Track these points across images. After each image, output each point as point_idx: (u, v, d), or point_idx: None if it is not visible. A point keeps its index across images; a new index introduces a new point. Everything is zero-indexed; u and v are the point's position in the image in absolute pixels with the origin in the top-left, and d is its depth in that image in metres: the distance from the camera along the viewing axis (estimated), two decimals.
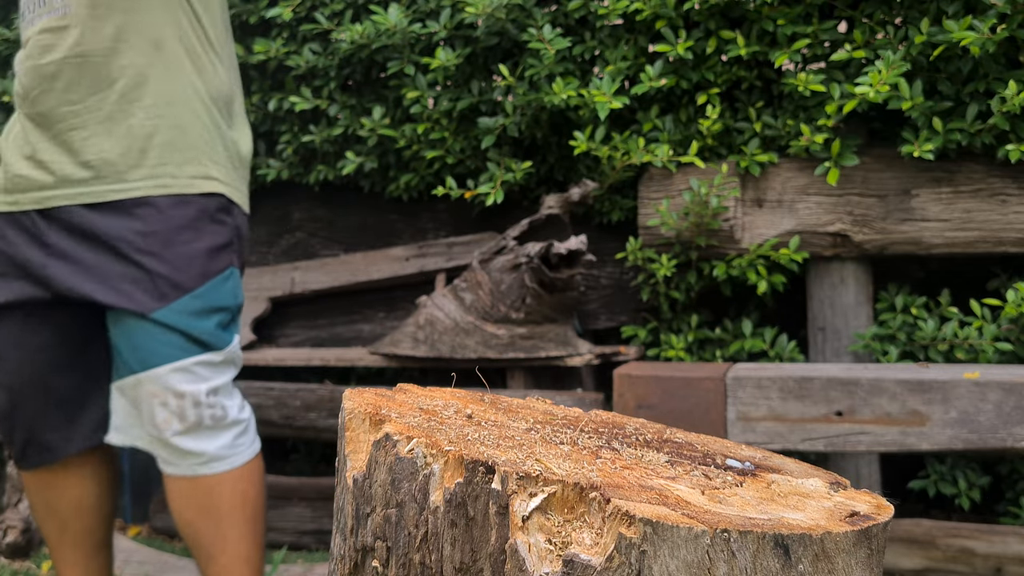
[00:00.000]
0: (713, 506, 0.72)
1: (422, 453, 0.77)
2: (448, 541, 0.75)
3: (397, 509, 0.79)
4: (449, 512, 0.75)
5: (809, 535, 0.68)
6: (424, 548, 0.76)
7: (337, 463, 0.87)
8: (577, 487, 0.70)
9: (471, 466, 0.73)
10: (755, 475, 0.82)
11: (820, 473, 0.84)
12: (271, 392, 2.71)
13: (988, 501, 2.41)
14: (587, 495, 0.70)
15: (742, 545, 0.67)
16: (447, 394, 0.97)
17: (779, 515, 0.71)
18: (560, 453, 0.79)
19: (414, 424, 0.82)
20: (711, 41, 2.25)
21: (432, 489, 0.76)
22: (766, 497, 0.76)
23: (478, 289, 2.47)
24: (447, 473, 0.75)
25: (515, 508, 0.71)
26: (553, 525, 0.70)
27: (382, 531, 0.80)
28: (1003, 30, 1.96)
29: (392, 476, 0.79)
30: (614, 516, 0.68)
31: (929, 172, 2.18)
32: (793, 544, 0.68)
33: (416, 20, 2.56)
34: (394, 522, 0.79)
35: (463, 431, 0.82)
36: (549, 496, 0.71)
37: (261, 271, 2.96)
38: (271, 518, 2.79)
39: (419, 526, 0.77)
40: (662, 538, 0.66)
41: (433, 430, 0.81)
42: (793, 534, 0.68)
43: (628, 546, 0.66)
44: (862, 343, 2.23)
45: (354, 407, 0.86)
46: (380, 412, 0.84)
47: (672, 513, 0.68)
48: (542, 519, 0.71)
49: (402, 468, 0.78)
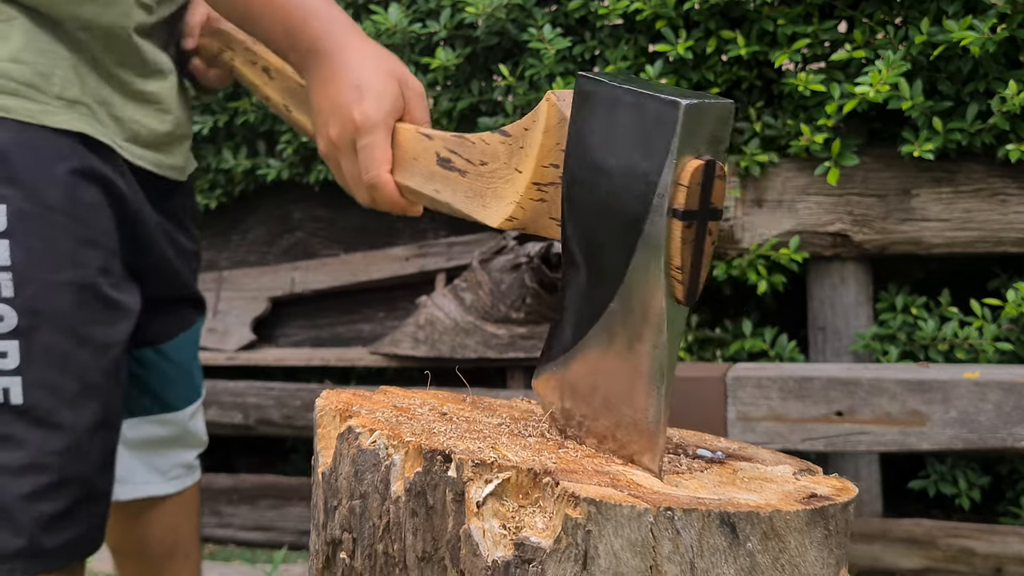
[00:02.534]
0: (664, 488, 0.72)
1: (383, 444, 0.77)
2: (410, 530, 0.75)
3: (361, 500, 0.79)
4: (410, 501, 0.75)
5: (756, 513, 0.68)
6: (387, 538, 0.77)
7: (312, 460, 0.88)
8: (531, 472, 0.71)
9: (429, 455, 0.74)
10: (723, 463, 0.82)
11: (792, 461, 0.83)
12: (271, 392, 2.71)
13: (988, 501, 2.41)
14: (540, 480, 0.70)
15: (687, 523, 0.66)
16: (427, 394, 0.97)
17: (730, 496, 0.71)
18: (523, 444, 0.79)
19: (381, 419, 0.82)
20: (711, 41, 2.25)
21: (393, 479, 0.76)
22: (726, 481, 0.76)
23: (478, 289, 2.47)
24: (407, 463, 0.76)
25: (471, 495, 0.71)
26: (508, 511, 0.71)
27: (348, 523, 0.81)
28: (1003, 30, 1.96)
29: (355, 468, 0.80)
30: (561, 498, 0.68)
31: (929, 172, 2.18)
32: (740, 522, 0.67)
33: (416, 20, 2.56)
34: (358, 513, 0.79)
35: (431, 425, 0.82)
36: (503, 482, 0.71)
37: (261, 271, 2.96)
38: (271, 518, 2.79)
39: (382, 516, 0.77)
40: (606, 517, 0.66)
41: (399, 424, 0.81)
42: (740, 512, 0.67)
43: (574, 527, 0.67)
44: (862, 343, 2.23)
45: (325, 404, 0.86)
46: (350, 409, 0.85)
47: (616, 493, 0.68)
48: (497, 505, 0.71)
49: (364, 460, 0.79)
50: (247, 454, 3.09)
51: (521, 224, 0.88)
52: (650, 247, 0.73)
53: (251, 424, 2.73)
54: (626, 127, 0.75)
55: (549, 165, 0.84)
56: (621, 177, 0.75)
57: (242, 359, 2.81)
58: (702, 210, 0.73)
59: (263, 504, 2.82)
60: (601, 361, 0.79)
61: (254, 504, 2.82)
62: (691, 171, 0.71)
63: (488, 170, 0.90)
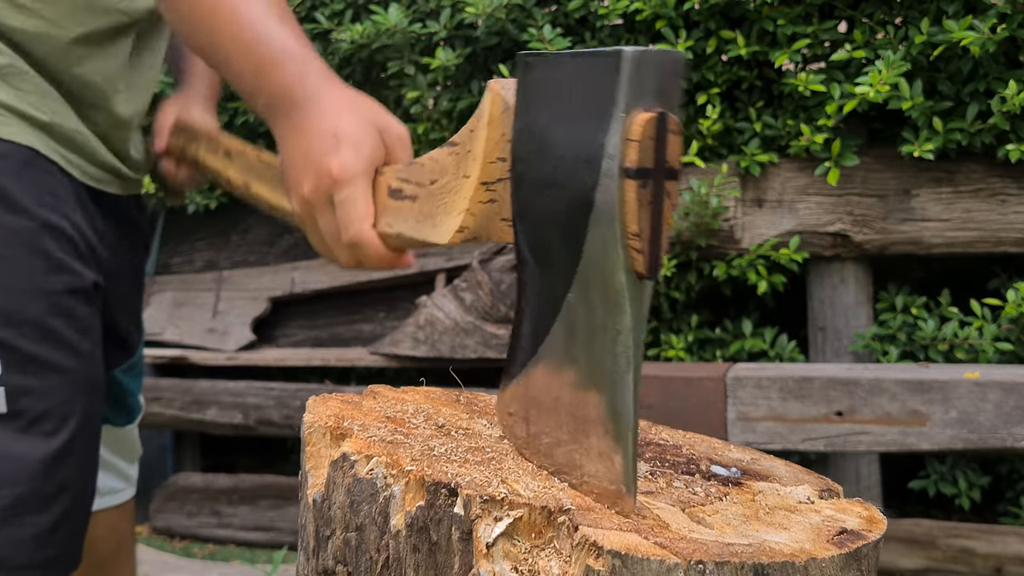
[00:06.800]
0: (690, 530, 0.68)
1: (382, 473, 0.72)
2: (411, 567, 0.70)
3: (357, 533, 0.74)
4: (411, 537, 0.70)
5: (791, 563, 0.64)
6: (386, 574, 0.72)
7: (300, 477, 0.82)
8: (545, 511, 0.66)
9: (432, 488, 0.69)
10: (741, 484, 0.78)
11: (811, 478, 0.80)
12: (271, 392, 2.71)
13: (988, 501, 2.41)
14: (556, 519, 0.65)
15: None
16: (420, 396, 0.92)
17: (760, 538, 0.67)
18: (530, 469, 0.74)
19: (376, 439, 0.77)
20: (711, 41, 2.25)
21: (393, 512, 0.71)
22: (749, 514, 0.72)
23: (478, 289, 2.47)
24: (408, 495, 0.70)
25: (479, 534, 0.66)
26: (519, 551, 0.66)
27: (343, 555, 0.75)
28: (1003, 30, 1.96)
29: (351, 498, 0.74)
30: (582, 546, 0.63)
31: (929, 172, 2.18)
32: (774, 573, 0.63)
33: (416, 20, 2.56)
34: (354, 546, 0.74)
35: (429, 444, 0.77)
36: (515, 520, 0.66)
37: (261, 271, 2.96)
38: (271, 518, 2.79)
39: (380, 551, 0.72)
40: (632, 571, 0.61)
41: (396, 445, 0.76)
42: (774, 563, 0.63)
43: None
44: (862, 343, 2.23)
45: (314, 419, 0.80)
46: (342, 425, 0.79)
47: (643, 543, 0.63)
48: (508, 545, 0.66)
49: (361, 490, 0.73)
50: (247, 454, 3.09)
51: (473, 233, 0.80)
52: (604, 220, 0.66)
53: (251, 424, 2.73)
54: (569, 94, 0.68)
55: (496, 160, 0.78)
56: (568, 147, 0.68)
57: (242, 359, 2.81)
58: (657, 168, 0.66)
59: (263, 504, 2.82)
60: (563, 365, 0.72)
61: (254, 504, 2.82)
62: (642, 124, 0.65)
63: (438, 187, 0.83)
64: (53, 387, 1.13)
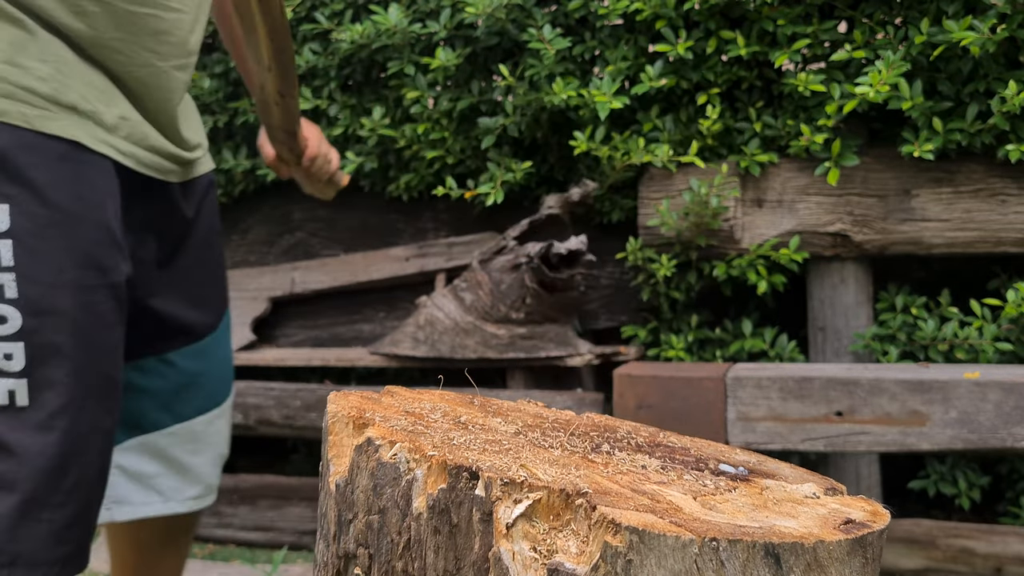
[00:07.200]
0: (703, 513, 0.70)
1: (405, 458, 0.75)
2: (431, 548, 0.73)
3: (379, 515, 0.77)
4: (432, 519, 0.73)
5: (801, 544, 0.67)
6: (407, 555, 0.74)
7: (321, 467, 0.85)
8: (563, 493, 0.68)
9: (454, 471, 0.71)
10: (749, 480, 0.80)
11: (816, 478, 0.82)
12: (271, 392, 2.71)
13: (988, 501, 2.41)
14: (573, 501, 0.68)
15: (731, 554, 0.65)
16: (435, 396, 0.95)
17: (770, 523, 0.70)
18: (548, 458, 0.77)
19: (398, 428, 0.80)
20: (711, 41, 2.25)
21: (415, 495, 0.74)
22: (759, 504, 0.74)
23: (478, 289, 2.47)
24: (430, 479, 0.73)
25: (499, 515, 0.69)
26: (538, 533, 0.69)
27: (364, 538, 0.78)
28: (1003, 30, 1.96)
29: (374, 482, 0.77)
30: (600, 524, 0.66)
31: (929, 172, 2.18)
32: (784, 553, 0.66)
33: (416, 20, 2.56)
34: (376, 529, 0.77)
35: (448, 435, 0.80)
36: (534, 503, 0.68)
37: (261, 271, 2.96)
38: (271, 518, 2.79)
39: (402, 533, 0.75)
40: (649, 547, 0.64)
41: (417, 434, 0.79)
42: (784, 543, 0.66)
43: (614, 555, 0.65)
44: (862, 343, 2.23)
45: (337, 410, 0.84)
46: (364, 416, 0.82)
47: (659, 521, 0.66)
48: (527, 526, 0.69)
49: (384, 473, 0.76)
50: (247, 454, 3.09)
51: None
52: None
53: (251, 424, 2.73)
54: None
55: None
56: None
57: (242, 359, 2.81)
58: None
59: (263, 504, 2.82)
60: None
61: (254, 504, 2.82)
62: None
63: None
64: (73, 382, 1.14)
